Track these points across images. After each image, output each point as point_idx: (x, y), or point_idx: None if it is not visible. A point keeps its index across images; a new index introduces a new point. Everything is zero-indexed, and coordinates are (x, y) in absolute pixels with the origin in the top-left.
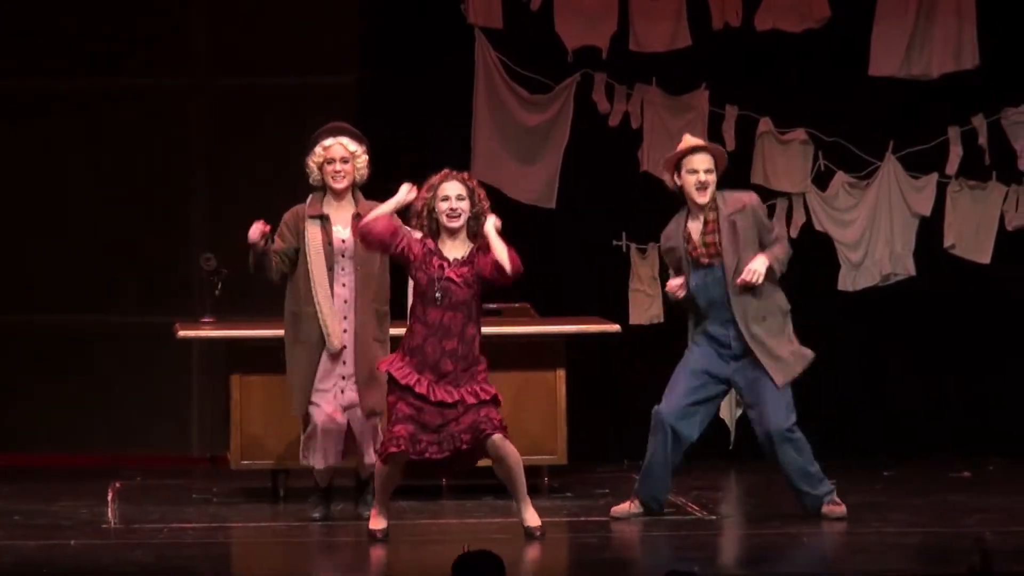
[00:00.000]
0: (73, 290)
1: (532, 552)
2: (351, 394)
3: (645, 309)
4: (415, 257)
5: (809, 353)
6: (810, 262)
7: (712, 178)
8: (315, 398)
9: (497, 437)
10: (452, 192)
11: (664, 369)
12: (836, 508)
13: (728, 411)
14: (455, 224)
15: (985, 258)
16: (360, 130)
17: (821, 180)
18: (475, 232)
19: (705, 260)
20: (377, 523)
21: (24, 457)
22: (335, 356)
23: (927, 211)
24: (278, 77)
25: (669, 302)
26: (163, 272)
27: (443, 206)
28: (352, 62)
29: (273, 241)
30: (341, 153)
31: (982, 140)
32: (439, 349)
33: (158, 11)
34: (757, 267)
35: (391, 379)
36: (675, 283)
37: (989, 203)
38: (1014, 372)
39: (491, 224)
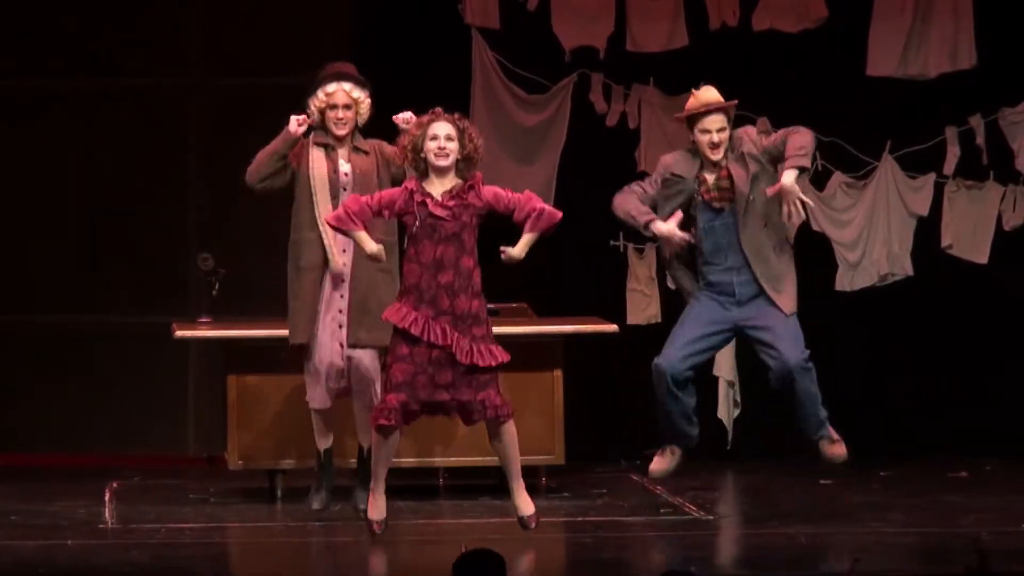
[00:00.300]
0: (73, 290)
1: (529, 552)
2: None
3: (643, 309)
4: (400, 207)
5: None
6: (808, 262)
7: (725, 135)
8: (317, 331)
9: (492, 421)
10: (441, 132)
11: None
12: (837, 450)
13: (726, 411)
14: (443, 163)
15: (982, 258)
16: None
17: (818, 180)
18: (464, 173)
19: (717, 205)
20: (375, 511)
21: (22, 457)
22: (336, 286)
23: (924, 211)
24: (277, 77)
25: (667, 301)
26: (162, 272)
27: (431, 145)
28: (350, 62)
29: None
30: (344, 100)
31: (979, 140)
32: (434, 283)
33: (158, 11)
34: (787, 188)
35: (392, 334)
36: (675, 229)
37: (986, 203)
38: (1012, 372)
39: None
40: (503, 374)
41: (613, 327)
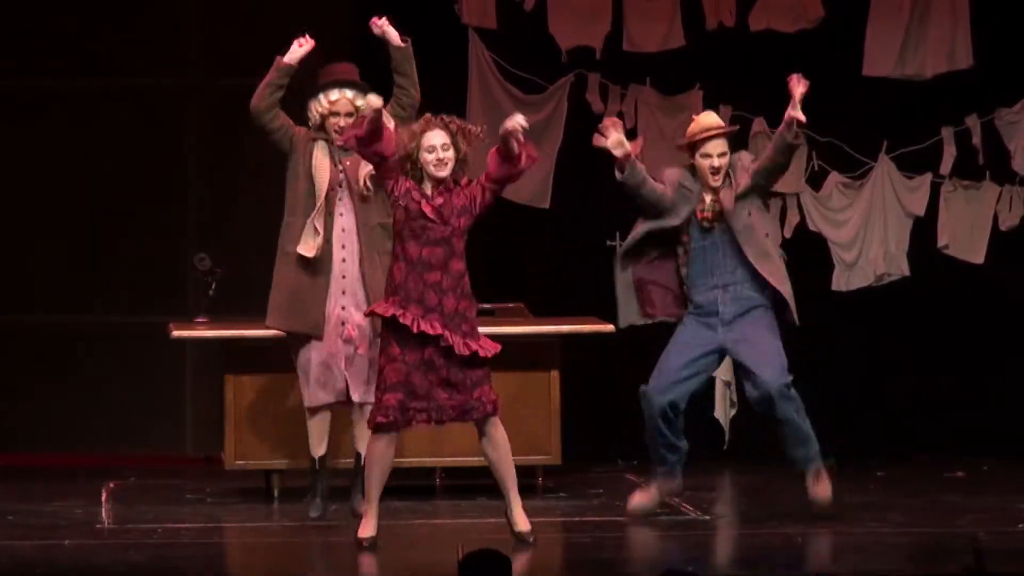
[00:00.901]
0: (72, 290)
1: (526, 552)
2: (354, 317)
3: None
4: (398, 192)
5: None
6: (804, 262)
7: (725, 160)
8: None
9: (487, 417)
10: (437, 142)
11: None
12: (822, 490)
13: (722, 411)
14: (442, 173)
15: (979, 258)
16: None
17: (815, 180)
18: (458, 174)
19: (707, 225)
20: (366, 528)
21: (21, 457)
22: (339, 278)
23: (921, 211)
24: None
25: None
26: (161, 272)
27: (429, 157)
28: (348, 62)
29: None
30: (346, 108)
31: (976, 140)
32: (421, 282)
33: (158, 11)
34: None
35: (382, 334)
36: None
37: (983, 203)
38: (1010, 372)
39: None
40: (499, 373)
41: (610, 327)
